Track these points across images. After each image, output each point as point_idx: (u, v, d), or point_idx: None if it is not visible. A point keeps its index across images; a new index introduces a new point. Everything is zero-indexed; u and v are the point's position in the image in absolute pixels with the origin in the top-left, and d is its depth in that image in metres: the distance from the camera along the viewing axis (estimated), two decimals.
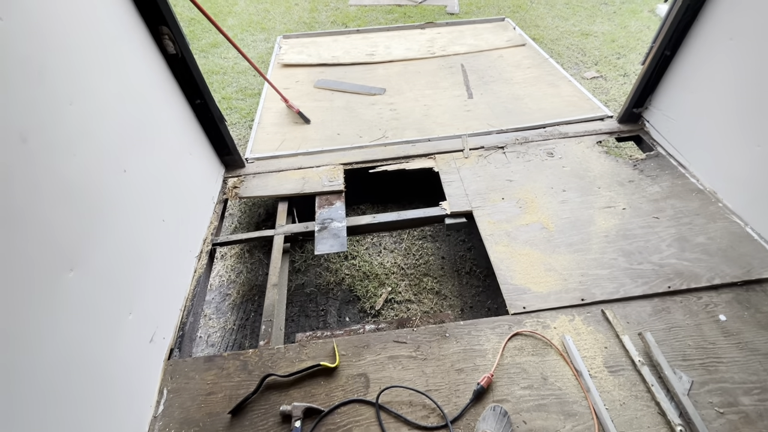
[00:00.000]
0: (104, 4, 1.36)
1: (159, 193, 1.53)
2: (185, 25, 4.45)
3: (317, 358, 1.37)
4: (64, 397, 0.93)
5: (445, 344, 1.39)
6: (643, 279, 1.54)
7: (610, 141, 2.28)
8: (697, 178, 1.95)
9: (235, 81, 3.62)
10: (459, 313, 1.92)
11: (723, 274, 1.54)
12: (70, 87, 1.11)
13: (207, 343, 1.87)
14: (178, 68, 1.77)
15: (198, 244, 1.80)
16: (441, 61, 3.24)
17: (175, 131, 1.75)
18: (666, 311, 1.45)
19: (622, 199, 1.89)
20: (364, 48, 3.47)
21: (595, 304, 1.48)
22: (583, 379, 1.28)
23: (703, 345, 1.35)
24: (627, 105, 2.29)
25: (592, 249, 1.67)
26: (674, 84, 2.06)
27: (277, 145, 2.41)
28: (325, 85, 2.99)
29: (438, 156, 2.23)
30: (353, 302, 1.98)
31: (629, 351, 1.33)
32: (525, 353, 1.36)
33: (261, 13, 4.85)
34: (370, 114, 2.65)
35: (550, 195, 1.93)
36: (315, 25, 4.51)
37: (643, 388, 1.26)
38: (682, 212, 1.80)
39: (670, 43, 1.98)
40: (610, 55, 3.74)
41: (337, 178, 2.12)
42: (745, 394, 1.23)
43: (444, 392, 1.27)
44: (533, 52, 3.26)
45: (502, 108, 2.60)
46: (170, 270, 1.55)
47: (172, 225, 1.58)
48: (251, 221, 2.42)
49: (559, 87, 2.77)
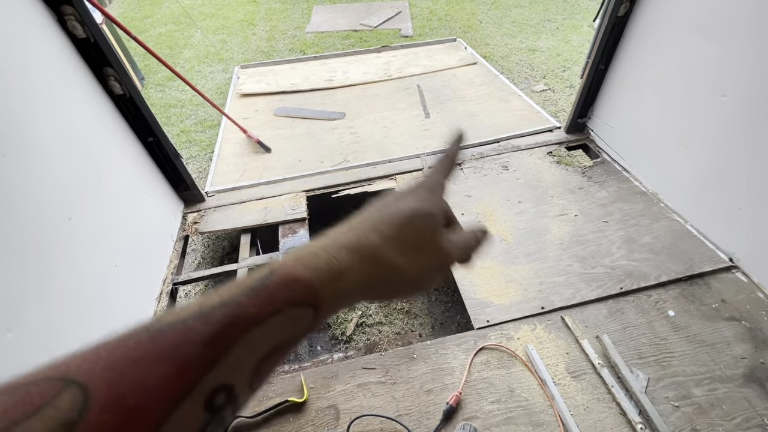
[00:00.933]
0: (43, 53, 1.34)
1: (111, 237, 1.48)
2: (140, 60, 4.40)
3: (285, 393, 1.34)
4: None
5: (413, 366, 1.40)
6: (597, 282, 1.62)
7: (560, 151, 2.41)
8: (639, 181, 2.08)
9: (194, 113, 3.58)
10: (430, 330, 1.94)
11: (669, 271, 1.64)
12: (3, 138, 1.08)
13: None
14: (127, 108, 1.75)
15: (157, 285, 1.74)
16: (398, 83, 3.33)
17: (127, 172, 1.71)
18: (620, 312, 1.52)
19: (574, 206, 1.98)
20: (322, 74, 3.53)
21: (554, 312, 1.53)
22: (548, 388, 1.31)
23: (655, 342, 1.42)
24: (572, 116, 2.43)
25: (549, 257, 1.74)
26: (610, 95, 2.21)
27: (238, 176, 2.39)
28: (285, 112, 3.01)
29: (399, 176, 2.27)
30: (324, 330, 1.96)
31: (589, 355, 1.38)
32: (491, 367, 1.38)
33: (218, 44, 4.86)
34: (330, 139, 2.68)
35: (506, 207, 2.00)
36: (273, 54, 4.56)
37: (604, 390, 1.30)
38: (629, 214, 1.91)
39: (603, 58, 2.14)
40: (557, 68, 3.97)
41: (299, 205, 2.12)
42: (696, 385, 1.30)
43: (415, 415, 1.27)
44: (485, 69, 3.41)
45: (457, 125, 2.70)
46: (127, 317, 1.48)
47: (127, 269, 1.53)
48: (215, 255, 2.37)
49: (510, 102, 2.91)
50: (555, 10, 5.23)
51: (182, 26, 5.42)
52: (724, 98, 1.56)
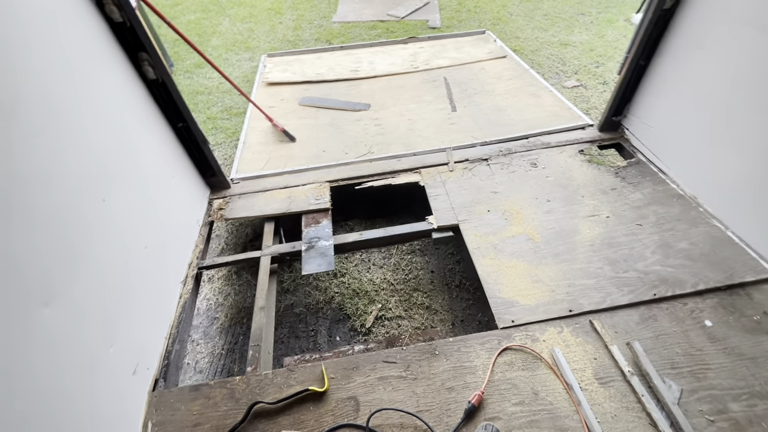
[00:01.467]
0: (81, 34, 1.36)
1: (141, 219, 1.51)
2: (170, 47, 4.47)
3: (306, 382, 1.35)
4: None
5: (435, 362, 1.38)
6: (629, 287, 1.55)
7: (592, 149, 2.32)
8: (677, 183, 1.98)
9: (221, 101, 3.62)
10: (450, 327, 1.91)
11: (707, 279, 1.56)
12: (43, 118, 1.10)
13: (195, 370, 1.83)
14: (159, 93, 1.77)
15: (183, 268, 1.78)
16: (424, 75, 3.28)
17: (157, 156, 1.73)
18: (653, 319, 1.46)
19: (606, 207, 1.91)
20: (348, 64, 3.51)
21: (582, 315, 1.48)
22: (574, 393, 1.27)
23: (690, 352, 1.36)
24: (606, 114, 2.34)
25: (578, 259, 1.68)
26: (650, 92, 2.11)
27: (263, 165, 2.40)
28: (310, 102, 3.00)
29: (423, 170, 2.24)
30: (343, 321, 1.96)
31: (618, 361, 1.33)
32: (515, 368, 1.35)
33: (245, 33, 4.89)
34: (355, 130, 2.66)
35: (534, 206, 1.94)
36: (299, 43, 4.55)
37: (634, 399, 1.26)
38: (665, 218, 1.82)
39: (644, 53, 2.03)
40: (589, 64, 3.82)
41: (323, 195, 2.11)
42: (734, 400, 1.24)
43: (435, 412, 1.26)
44: (514, 63, 3.32)
45: (485, 120, 2.64)
46: (154, 298, 1.52)
47: (156, 251, 1.56)
48: (238, 242, 2.40)
49: (540, 97, 2.82)
50: (589, 3, 5.03)
51: (210, 14, 5.48)
52: None
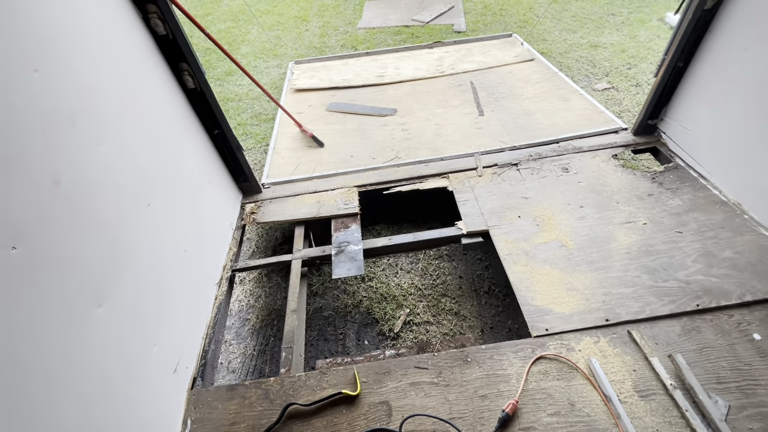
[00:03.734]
0: (130, 49, 1.43)
1: (181, 223, 1.57)
2: (201, 55, 4.64)
3: (338, 385, 1.36)
4: (92, 430, 0.95)
5: (467, 369, 1.37)
6: (669, 297, 1.50)
7: (626, 154, 2.26)
8: (719, 189, 1.90)
9: (250, 107, 3.73)
10: (479, 334, 1.89)
11: (754, 290, 1.49)
12: (97, 129, 1.17)
13: (228, 370, 1.88)
14: (197, 101, 1.84)
15: (218, 271, 1.83)
16: (450, 79, 3.27)
17: (195, 162, 1.80)
18: (696, 331, 1.40)
19: (642, 214, 1.85)
20: (373, 70, 3.55)
21: (620, 325, 1.44)
22: (613, 405, 1.23)
23: (738, 366, 1.30)
24: (642, 117, 2.27)
25: (614, 266, 1.63)
26: (689, 95, 2.04)
27: (293, 170, 2.45)
28: (337, 108, 3.05)
29: (452, 175, 2.23)
30: (371, 325, 1.97)
31: (660, 374, 1.29)
32: (550, 378, 1.32)
33: (273, 40, 5.02)
34: (382, 135, 2.68)
35: (567, 212, 1.91)
36: (325, 50, 4.63)
37: (677, 414, 1.21)
38: (706, 226, 1.75)
39: (683, 55, 1.97)
40: (621, 65, 3.72)
41: (351, 200, 2.14)
42: None
43: (468, 420, 1.25)
44: (542, 66, 3.27)
45: (513, 124, 2.61)
46: (192, 299, 1.57)
47: (194, 254, 1.62)
48: (269, 245, 2.46)
49: (570, 100, 2.77)
50: (620, 4, 4.90)
51: (240, 23, 5.65)
52: None
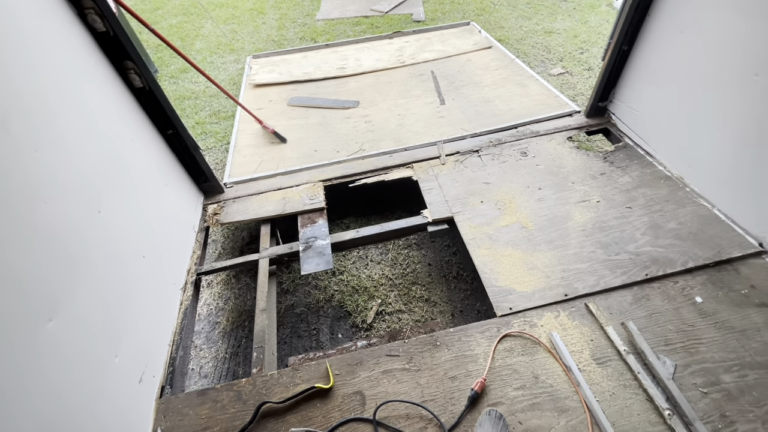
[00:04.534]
0: (67, 48, 1.35)
1: (137, 229, 1.51)
2: (153, 52, 4.42)
3: (311, 380, 1.37)
4: None
5: (437, 353, 1.41)
6: (621, 269, 1.60)
7: (580, 136, 2.36)
8: (664, 165, 2.02)
9: (208, 105, 3.60)
10: (450, 318, 1.94)
11: (696, 256, 1.61)
12: (34, 134, 1.10)
13: (200, 375, 1.84)
14: (147, 101, 1.76)
15: (182, 275, 1.78)
16: (411, 69, 3.29)
17: (149, 164, 1.73)
18: (646, 298, 1.50)
19: (596, 192, 1.95)
20: (334, 62, 3.50)
21: (578, 299, 1.52)
22: (573, 374, 1.31)
23: (683, 328, 1.40)
24: (592, 100, 2.37)
25: (571, 244, 1.72)
26: (634, 77, 2.14)
27: (255, 167, 2.40)
28: (299, 102, 3.00)
29: (416, 164, 2.26)
30: (344, 318, 1.98)
31: (614, 341, 1.37)
32: (515, 354, 1.38)
33: (229, 35, 4.84)
34: (345, 128, 2.67)
35: (526, 194, 1.98)
36: (284, 43, 4.53)
37: (631, 377, 1.30)
38: (653, 200, 1.87)
39: (626, 38, 2.06)
40: (574, 50, 3.86)
41: (317, 195, 2.13)
42: (725, 372, 1.28)
43: (439, 401, 1.29)
44: (500, 53, 3.34)
45: (474, 111, 2.66)
46: (155, 306, 1.52)
47: (154, 260, 1.57)
48: (235, 246, 2.41)
49: (527, 86, 2.85)
50: None
51: (192, 17, 5.41)
52: (757, 77, 1.50)
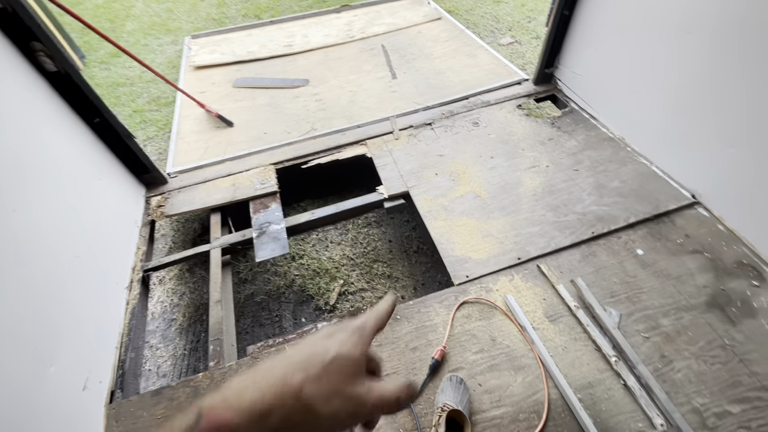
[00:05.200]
0: None
1: (66, 227, 1.39)
2: (78, 36, 4.02)
3: None
4: None
5: (397, 327, 1.42)
6: (570, 229, 1.65)
7: (529, 103, 2.39)
8: (607, 127, 2.10)
9: (146, 91, 3.34)
10: (413, 292, 1.96)
11: (637, 212, 1.69)
12: None
13: (158, 375, 1.76)
14: (64, 87, 1.59)
15: (126, 273, 1.67)
16: (361, 44, 3.18)
17: (74, 157, 1.58)
18: (593, 255, 1.57)
19: (545, 158, 1.99)
20: (281, 39, 3.33)
21: (530, 261, 1.57)
22: (528, 333, 1.35)
23: (626, 280, 1.48)
24: (539, 66, 2.40)
25: (523, 209, 1.76)
26: (576, 42, 2.18)
27: (201, 154, 2.27)
28: (245, 83, 2.84)
29: (369, 141, 2.21)
30: (307, 302, 1.95)
31: (565, 298, 1.43)
32: (473, 319, 1.41)
33: (164, 14, 4.48)
34: (295, 108, 2.56)
35: (479, 164, 1.99)
36: (225, 21, 4.24)
37: (580, 330, 1.36)
38: (598, 161, 1.94)
39: (567, 3, 2.08)
40: (522, 19, 3.88)
41: (269, 179, 2.04)
42: (664, 316, 1.38)
43: (402, 373, 1.30)
44: (450, 24, 3.30)
45: (426, 84, 2.62)
46: (96, 308, 1.42)
47: (90, 259, 1.45)
48: (187, 238, 2.29)
49: (477, 57, 2.84)
50: None
51: None
52: (688, 35, 1.56)
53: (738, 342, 1.30)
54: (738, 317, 1.36)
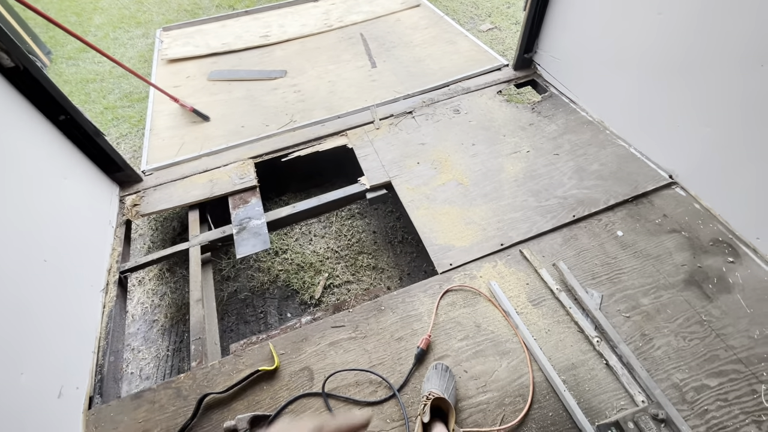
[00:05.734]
0: None
1: (32, 231, 1.33)
2: (43, 31, 3.84)
3: (255, 364, 1.31)
4: None
5: (382, 318, 1.41)
6: (551, 214, 1.66)
7: (510, 89, 2.38)
8: (586, 111, 2.11)
9: (117, 87, 3.22)
10: (399, 282, 1.95)
11: (616, 194, 1.71)
12: None
13: (141, 378, 1.72)
14: (24, 83, 1.51)
15: (101, 276, 1.62)
16: (340, 33, 3.12)
17: (38, 156, 1.51)
18: (574, 238, 1.58)
19: (526, 143, 1.99)
20: (256, 30, 3.24)
21: (513, 246, 1.57)
22: (512, 318, 1.36)
23: (607, 261, 1.50)
24: (518, 52, 2.39)
25: (505, 195, 1.76)
26: (553, 26, 2.17)
27: (177, 150, 2.20)
28: (220, 76, 2.76)
29: (350, 132, 2.18)
30: (292, 297, 1.93)
31: (547, 282, 1.44)
32: (457, 307, 1.41)
33: (133, 6, 4.31)
34: (273, 100, 2.50)
35: (461, 151, 1.98)
36: (198, 12, 4.11)
37: (563, 313, 1.37)
38: (578, 145, 1.94)
39: None
40: (501, 5, 3.86)
41: (248, 173, 1.99)
42: (644, 295, 1.40)
43: (388, 364, 1.29)
44: (429, 11, 3.25)
45: (405, 73, 2.59)
46: (69, 313, 1.37)
47: (59, 263, 1.39)
48: (166, 237, 2.23)
49: (457, 43, 2.81)
50: None
51: None
52: (660, 15, 1.56)
53: (715, 317, 1.33)
54: (714, 293, 1.39)
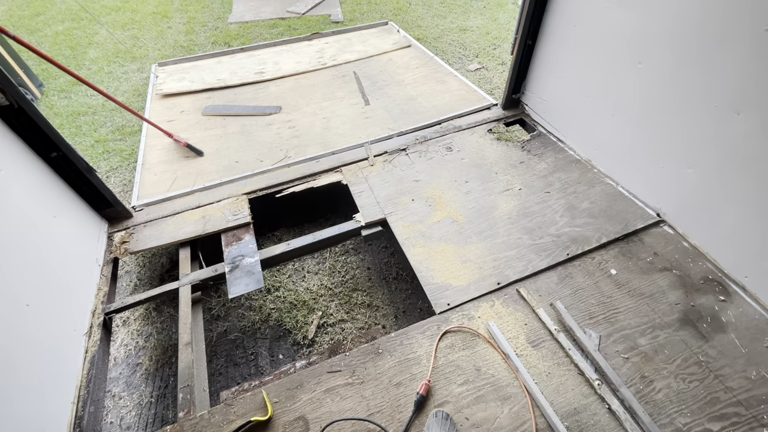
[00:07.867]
0: None
1: (14, 273, 1.28)
2: (36, 64, 3.86)
3: (247, 414, 1.25)
4: None
5: (379, 361, 1.37)
6: (546, 251, 1.68)
7: (499, 127, 2.46)
8: (573, 150, 2.18)
9: (109, 120, 3.21)
10: (393, 320, 1.92)
11: (608, 232, 1.74)
12: None
13: (121, 428, 1.62)
14: (18, 121, 1.50)
15: (85, 318, 1.55)
16: (333, 71, 3.22)
17: (27, 195, 1.47)
18: (569, 277, 1.59)
19: (518, 180, 2.04)
20: (251, 66, 3.32)
21: (509, 285, 1.57)
22: (512, 361, 1.34)
23: (603, 300, 1.51)
24: (507, 92, 2.49)
25: (499, 233, 1.77)
26: (540, 69, 2.28)
27: (169, 185, 2.18)
28: (215, 111, 2.79)
29: (344, 168, 2.20)
30: (284, 337, 1.87)
31: (545, 323, 1.43)
32: (456, 349, 1.39)
33: (129, 41, 4.39)
34: (268, 135, 2.53)
35: (454, 188, 2.01)
36: (194, 48, 4.20)
37: (563, 354, 1.36)
38: (567, 183, 2.00)
39: (530, 34, 2.19)
40: (488, 46, 4.06)
41: (241, 210, 1.98)
42: (641, 335, 1.40)
43: (386, 411, 1.25)
44: (419, 52, 3.39)
45: (398, 110, 2.66)
46: (48, 361, 1.30)
47: (42, 307, 1.33)
48: (154, 275, 2.16)
49: (447, 83, 2.92)
50: None
51: (83, 23, 4.82)
52: (640, 65, 1.66)
53: (711, 358, 1.34)
54: (709, 333, 1.40)
